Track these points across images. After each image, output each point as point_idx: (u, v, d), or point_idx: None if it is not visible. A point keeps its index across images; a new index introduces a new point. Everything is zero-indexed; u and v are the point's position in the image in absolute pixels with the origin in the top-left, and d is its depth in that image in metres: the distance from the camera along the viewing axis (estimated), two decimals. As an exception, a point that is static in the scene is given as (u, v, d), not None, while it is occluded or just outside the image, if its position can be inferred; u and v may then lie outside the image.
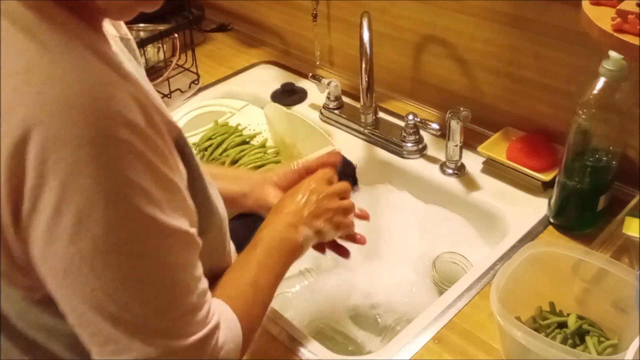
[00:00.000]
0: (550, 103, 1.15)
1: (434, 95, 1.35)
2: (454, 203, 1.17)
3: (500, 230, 1.08)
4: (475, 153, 1.19)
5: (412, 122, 1.23)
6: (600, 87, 0.92)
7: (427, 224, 1.17)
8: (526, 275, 0.84)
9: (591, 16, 0.82)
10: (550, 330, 0.85)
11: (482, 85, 1.25)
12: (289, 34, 1.64)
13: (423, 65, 1.34)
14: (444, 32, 1.26)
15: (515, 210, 1.09)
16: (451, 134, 1.14)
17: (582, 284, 0.87)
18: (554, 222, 1.05)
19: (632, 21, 0.77)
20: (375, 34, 1.20)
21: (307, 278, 1.07)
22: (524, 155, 1.13)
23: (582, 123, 0.95)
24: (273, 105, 1.37)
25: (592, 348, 0.82)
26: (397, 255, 1.13)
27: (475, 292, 0.95)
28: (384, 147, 1.28)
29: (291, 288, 1.06)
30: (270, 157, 1.28)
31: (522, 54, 1.14)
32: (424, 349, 0.87)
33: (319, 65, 1.54)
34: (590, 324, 0.85)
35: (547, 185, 1.10)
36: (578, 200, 1.01)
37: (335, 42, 1.51)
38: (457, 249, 1.08)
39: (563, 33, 1.07)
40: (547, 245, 0.90)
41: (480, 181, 1.16)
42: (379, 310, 1.04)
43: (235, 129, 1.33)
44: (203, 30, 1.77)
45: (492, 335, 0.87)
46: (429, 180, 1.20)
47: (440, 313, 0.92)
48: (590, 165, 0.98)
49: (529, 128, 1.19)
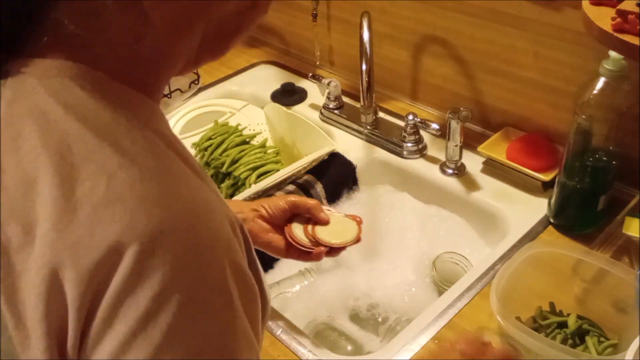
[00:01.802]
0: (550, 103, 1.15)
1: (434, 95, 1.35)
2: (454, 203, 1.17)
3: (500, 231, 1.08)
4: (475, 153, 1.19)
5: (412, 122, 1.23)
6: (600, 87, 0.92)
7: (427, 224, 1.17)
8: (526, 275, 0.84)
9: (591, 16, 0.82)
10: (550, 330, 0.85)
11: (482, 85, 1.25)
12: (289, 34, 1.64)
13: (423, 65, 1.34)
14: (444, 32, 1.26)
15: (515, 210, 1.09)
16: (451, 134, 1.14)
17: (582, 284, 0.87)
18: (554, 222, 1.05)
19: (632, 21, 0.77)
20: (375, 34, 1.20)
21: (307, 278, 1.08)
22: (524, 155, 1.13)
23: (582, 123, 0.95)
24: (273, 105, 1.37)
25: (592, 348, 0.82)
26: (397, 255, 1.13)
27: (475, 292, 0.95)
28: (384, 147, 1.28)
29: (291, 288, 1.06)
30: (270, 157, 1.28)
31: (522, 54, 1.14)
32: (424, 349, 0.87)
33: (319, 65, 1.54)
34: (590, 324, 0.85)
35: (547, 185, 1.10)
36: (578, 200, 1.01)
37: (335, 42, 1.51)
38: (457, 249, 1.08)
39: (563, 33, 1.06)
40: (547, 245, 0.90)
41: (480, 181, 1.16)
42: (379, 310, 1.04)
43: (235, 129, 1.33)
44: (203, 30, 1.77)
45: (492, 335, 0.87)
46: (429, 180, 1.20)
47: (440, 313, 0.92)
48: (590, 165, 0.98)
49: (529, 128, 1.19)
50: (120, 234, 0.40)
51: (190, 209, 0.43)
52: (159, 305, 0.40)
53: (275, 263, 1.13)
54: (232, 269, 0.45)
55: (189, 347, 0.42)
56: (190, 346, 0.42)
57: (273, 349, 0.89)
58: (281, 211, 0.91)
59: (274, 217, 0.91)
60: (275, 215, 0.91)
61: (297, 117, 1.29)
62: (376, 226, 1.19)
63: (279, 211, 0.91)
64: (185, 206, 0.42)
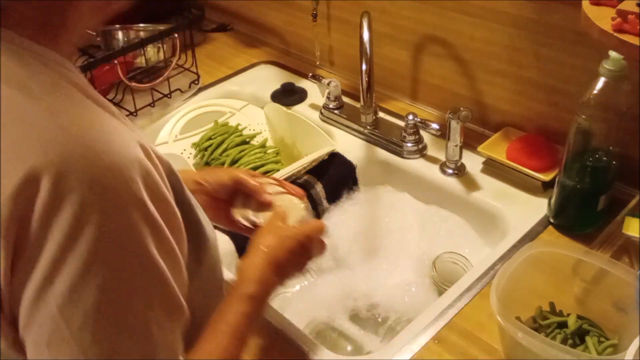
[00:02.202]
0: (550, 103, 1.15)
1: (434, 95, 1.35)
2: (454, 203, 1.17)
3: (500, 231, 1.08)
4: (475, 153, 1.19)
5: (412, 122, 1.23)
6: (600, 87, 0.92)
7: (427, 224, 1.17)
8: (526, 275, 0.84)
9: (591, 16, 0.82)
10: (550, 330, 0.85)
11: (482, 85, 1.25)
12: (289, 34, 1.64)
13: (423, 65, 1.34)
14: (444, 32, 1.26)
15: (515, 210, 1.09)
16: (451, 134, 1.14)
17: (582, 284, 0.87)
18: (554, 222, 1.05)
19: (632, 21, 0.77)
20: (375, 34, 1.20)
21: (307, 278, 1.08)
22: (524, 155, 1.13)
23: (582, 123, 0.95)
24: (273, 105, 1.37)
25: (592, 348, 0.82)
26: (397, 256, 1.13)
27: (475, 292, 0.95)
28: (384, 147, 1.28)
29: (291, 288, 1.06)
30: (270, 157, 1.28)
31: (522, 54, 1.14)
32: (424, 349, 0.87)
33: (319, 65, 1.54)
34: (590, 324, 0.85)
35: (547, 185, 1.10)
36: (578, 200, 1.01)
37: (335, 42, 1.51)
38: (457, 249, 1.08)
39: (563, 33, 1.07)
40: (547, 245, 0.90)
41: (480, 181, 1.16)
42: (379, 310, 1.04)
43: (235, 129, 1.34)
44: (203, 30, 1.77)
45: (492, 335, 0.87)
46: (429, 180, 1.20)
47: (440, 313, 0.92)
48: (590, 165, 0.98)
49: (529, 128, 1.19)
50: (35, 162, 0.47)
51: (98, 136, 0.50)
52: (81, 223, 0.48)
53: (275, 263, 1.13)
54: (146, 186, 0.53)
55: (113, 257, 0.50)
56: (114, 256, 0.50)
57: (273, 349, 0.89)
58: (224, 187, 0.89)
59: (217, 192, 0.89)
60: (218, 190, 0.89)
61: (297, 117, 1.29)
62: (376, 226, 1.19)
63: (222, 187, 0.89)
64: (93, 133, 0.50)
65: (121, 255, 0.51)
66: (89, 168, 0.49)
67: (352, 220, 1.20)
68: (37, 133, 0.49)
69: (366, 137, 1.31)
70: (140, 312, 0.53)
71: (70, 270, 0.49)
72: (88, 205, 0.48)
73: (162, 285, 0.55)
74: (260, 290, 0.72)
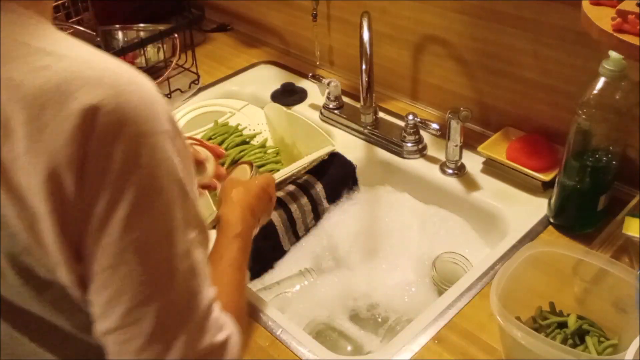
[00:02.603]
0: (550, 103, 1.15)
1: (434, 95, 1.35)
2: (454, 203, 1.17)
3: (500, 231, 1.08)
4: (475, 153, 1.19)
5: (412, 122, 1.23)
6: (600, 87, 0.92)
7: (427, 224, 1.17)
8: (526, 275, 0.84)
9: (591, 16, 0.82)
10: (550, 330, 0.85)
11: (482, 85, 1.25)
12: (289, 34, 1.64)
13: (423, 65, 1.34)
14: (444, 32, 1.26)
15: (515, 210, 1.09)
16: (451, 134, 1.14)
17: (582, 284, 0.87)
18: (554, 222, 1.05)
19: (632, 21, 0.77)
20: (375, 34, 1.20)
21: (307, 278, 1.08)
22: (523, 155, 1.13)
23: (582, 123, 0.95)
24: (273, 105, 1.37)
25: (592, 348, 0.82)
26: (397, 256, 1.13)
27: (475, 292, 0.95)
28: (384, 147, 1.28)
29: (291, 288, 1.06)
30: (270, 157, 1.28)
31: (522, 54, 1.14)
32: (424, 349, 0.87)
33: (319, 65, 1.54)
34: (590, 324, 0.85)
35: (547, 185, 1.10)
36: (578, 200, 1.01)
37: (335, 42, 1.51)
38: (457, 249, 1.08)
39: (563, 33, 1.07)
40: (547, 245, 0.90)
41: (480, 181, 1.16)
42: (379, 310, 1.04)
43: (235, 129, 1.34)
44: (203, 30, 1.77)
45: (492, 335, 0.87)
46: (429, 180, 1.20)
47: (440, 313, 0.92)
48: (590, 165, 0.98)
49: (529, 128, 1.19)
50: (86, 101, 0.50)
51: (133, 74, 0.55)
52: (139, 148, 0.52)
53: (276, 263, 1.13)
54: (172, 122, 0.57)
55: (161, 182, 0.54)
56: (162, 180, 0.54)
57: (273, 349, 0.89)
58: None
59: None
60: None
61: (297, 117, 1.29)
62: (376, 226, 1.19)
63: None
64: (129, 72, 0.54)
65: (167, 181, 0.55)
66: (136, 97, 0.53)
67: (352, 220, 1.20)
68: (83, 75, 0.52)
69: (366, 137, 1.31)
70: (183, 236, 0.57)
71: (131, 195, 0.52)
72: (142, 133, 0.52)
73: (195, 209, 0.59)
74: (245, 228, 0.85)
